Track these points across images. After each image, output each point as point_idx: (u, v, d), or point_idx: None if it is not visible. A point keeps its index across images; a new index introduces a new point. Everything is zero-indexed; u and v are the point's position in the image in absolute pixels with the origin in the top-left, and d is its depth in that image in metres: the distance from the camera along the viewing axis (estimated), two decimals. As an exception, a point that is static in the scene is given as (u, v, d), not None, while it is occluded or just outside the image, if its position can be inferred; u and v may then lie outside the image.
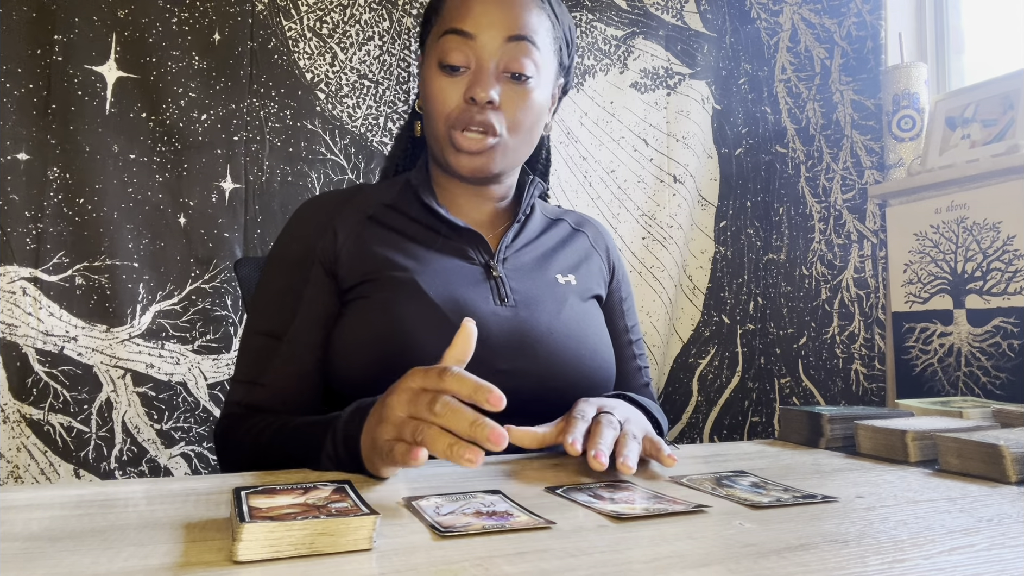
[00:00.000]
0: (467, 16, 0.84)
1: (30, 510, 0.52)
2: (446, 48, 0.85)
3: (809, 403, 1.96)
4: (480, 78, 0.84)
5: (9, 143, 1.45)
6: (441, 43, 0.85)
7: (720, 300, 2.14)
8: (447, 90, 0.85)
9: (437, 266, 0.86)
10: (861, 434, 0.79)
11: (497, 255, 0.90)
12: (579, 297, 0.92)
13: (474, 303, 0.83)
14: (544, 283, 0.90)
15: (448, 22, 0.86)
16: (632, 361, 1.00)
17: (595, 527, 0.49)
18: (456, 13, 0.85)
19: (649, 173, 2.07)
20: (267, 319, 0.86)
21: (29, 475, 1.45)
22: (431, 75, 0.87)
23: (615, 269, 1.03)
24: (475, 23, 0.84)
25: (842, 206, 1.90)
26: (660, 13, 2.11)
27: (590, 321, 0.92)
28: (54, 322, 1.48)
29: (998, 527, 0.49)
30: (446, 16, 0.87)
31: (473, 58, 0.85)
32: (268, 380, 0.83)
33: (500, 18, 0.84)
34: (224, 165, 1.62)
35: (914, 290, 1.65)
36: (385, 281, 0.83)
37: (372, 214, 0.90)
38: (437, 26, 0.88)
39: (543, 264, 0.93)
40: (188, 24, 1.60)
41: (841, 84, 1.92)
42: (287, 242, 0.90)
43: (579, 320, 0.89)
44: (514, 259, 0.92)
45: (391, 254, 0.86)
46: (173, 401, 1.56)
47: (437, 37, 0.87)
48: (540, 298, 0.88)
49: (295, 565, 0.41)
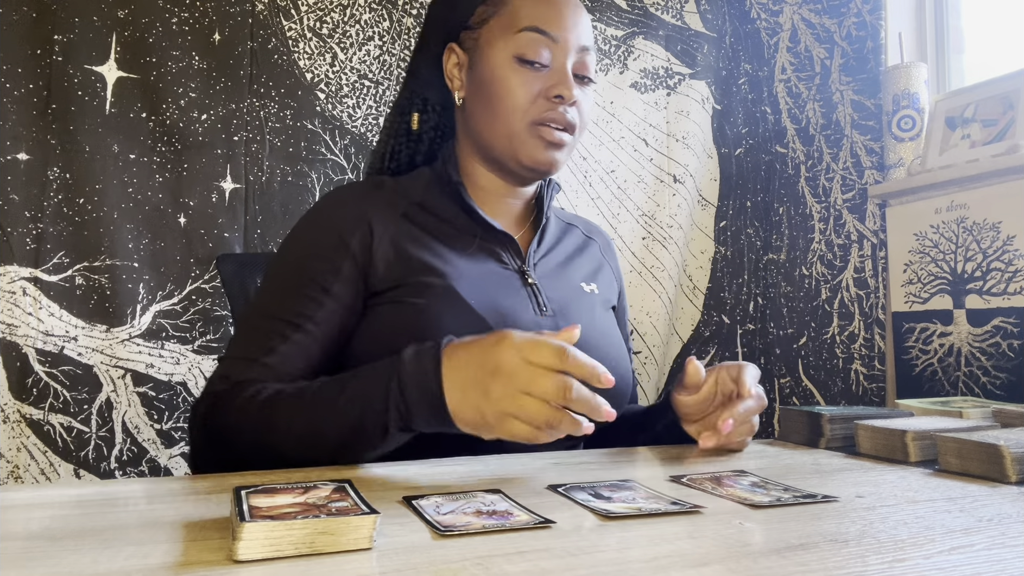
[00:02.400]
0: (550, 18, 0.86)
1: (30, 510, 0.52)
2: (529, 43, 0.85)
3: (809, 403, 1.96)
4: (565, 78, 0.86)
5: (9, 143, 1.45)
6: (521, 38, 0.86)
7: (720, 300, 2.14)
8: (527, 86, 0.85)
9: (473, 272, 0.84)
10: (861, 434, 0.79)
11: (527, 260, 0.90)
12: (603, 307, 0.94)
13: (516, 313, 0.82)
14: (572, 291, 0.92)
15: (528, 19, 0.86)
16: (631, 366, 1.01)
17: (595, 526, 0.49)
18: (536, 12, 0.86)
19: (649, 173, 2.07)
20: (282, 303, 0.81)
21: (29, 475, 1.45)
22: (505, 68, 0.86)
23: (619, 279, 1.05)
24: (560, 26, 0.86)
25: (842, 206, 1.90)
26: (660, 13, 2.11)
27: (613, 331, 0.94)
28: (54, 322, 1.48)
29: (998, 527, 0.49)
30: (523, 11, 0.87)
31: (553, 58, 0.86)
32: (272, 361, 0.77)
33: (578, 24, 0.88)
34: (224, 165, 1.62)
35: (914, 290, 1.65)
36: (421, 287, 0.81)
37: (405, 212, 0.87)
38: (505, 19, 0.87)
39: (565, 270, 0.94)
40: (188, 24, 1.60)
41: (841, 84, 1.92)
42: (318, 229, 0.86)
43: (605, 330, 0.91)
44: (542, 265, 0.92)
45: (426, 257, 0.83)
46: (173, 401, 1.56)
47: (511, 31, 0.86)
48: (573, 308, 0.89)
49: (295, 564, 0.41)
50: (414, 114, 0.95)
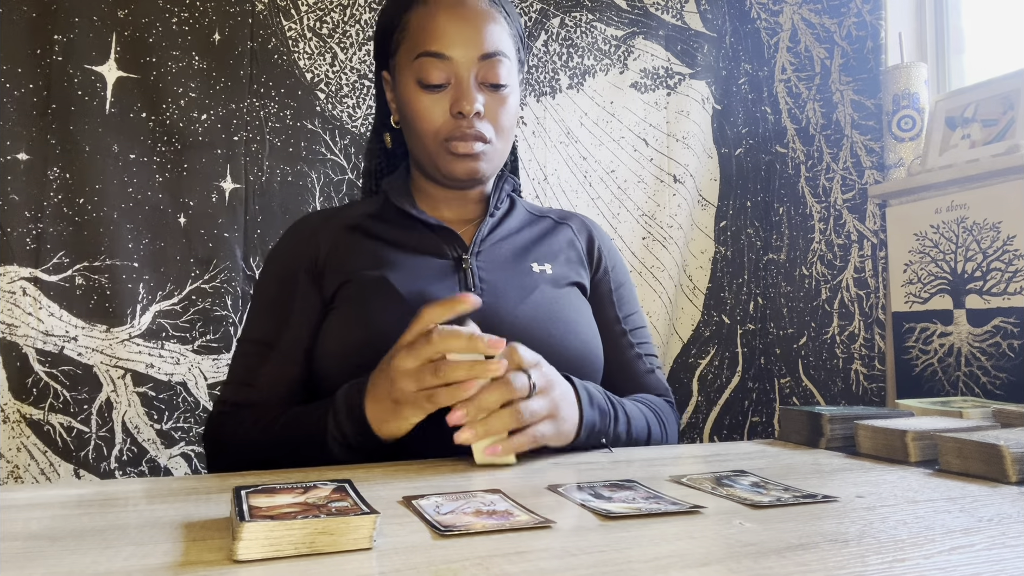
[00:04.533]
0: (440, 38, 0.88)
1: (30, 510, 0.52)
2: (424, 68, 0.88)
3: (809, 403, 1.96)
4: (464, 92, 0.88)
5: (9, 143, 1.45)
6: (417, 64, 0.89)
7: (720, 300, 2.14)
8: (432, 107, 0.89)
9: (409, 264, 0.89)
10: (861, 434, 0.79)
11: (471, 248, 0.92)
12: (552, 284, 0.93)
13: (439, 295, 0.84)
14: (517, 273, 0.92)
15: (421, 45, 0.88)
16: (630, 350, 0.99)
17: (595, 526, 0.48)
18: (427, 36, 0.88)
19: (649, 173, 2.07)
20: (258, 328, 0.91)
21: (29, 475, 1.45)
22: (411, 94, 0.90)
23: (601, 258, 1.02)
24: (449, 44, 0.88)
25: (842, 206, 1.90)
26: (660, 13, 2.11)
27: (563, 305, 0.91)
28: (54, 322, 1.48)
29: (998, 527, 0.49)
30: (417, 38, 0.89)
31: (452, 75, 0.88)
32: (259, 382, 0.88)
33: (471, 37, 0.88)
34: (224, 165, 1.62)
35: (914, 290, 1.65)
36: (360, 282, 0.87)
37: (354, 224, 0.95)
38: (406, 46, 0.91)
39: (520, 256, 0.95)
40: (188, 24, 1.60)
41: (841, 84, 1.92)
42: (276, 257, 0.96)
43: (549, 304, 0.90)
44: (490, 252, 0.93)
45: (367, 258, 0.90)
46: (173, 401, 1.56)
47: (410, 58, 0.90)
48: (509, 286, 0.89)
49: (295, 564, 0.41)
50: (385, 134, 1.02)
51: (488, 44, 0.89)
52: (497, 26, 0.91)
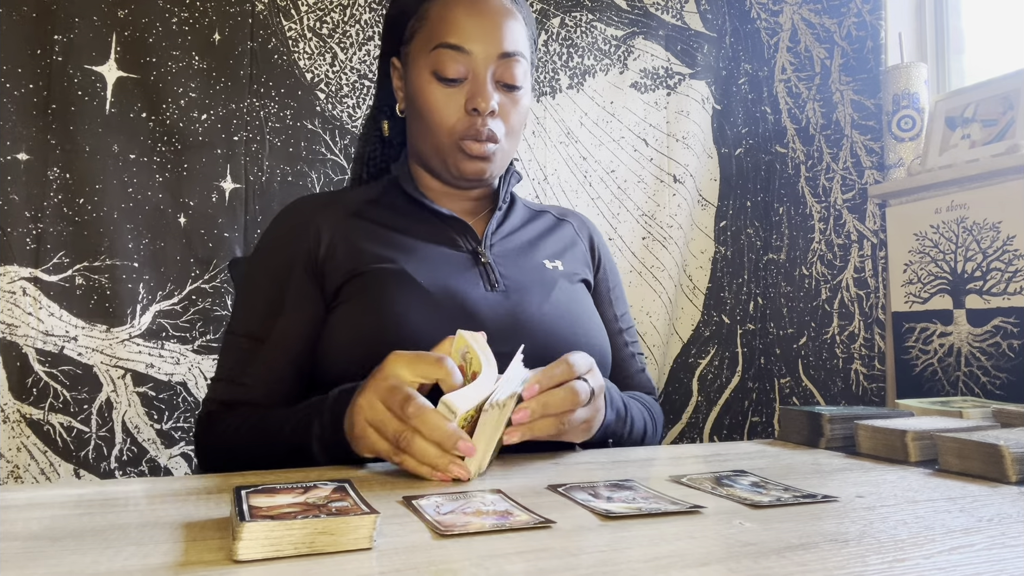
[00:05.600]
0: (460, 31, 0.86)
1: (30, 510, 0.52)
2: (442, 60, 0.86)
3: (809, 403, 1.96)
4: (481, 90, 0.86)
5: (9, 143, 1.45)
6: (435, 55, 0.87)
7: (720, 300, 2.14)
8: (447, 101, 0.87)
9: (425, 254, 0.87)
10: (861, 434, 0.79)
11: (484, 242, 0.91)
12: (568, 280, 0.93)
13: (465, 289, 0.84)
14: (532, 268, 0.92)
15: (440, 36, 0.87)
16: (625, 348, 1.01)
17: (595, 526, 0.48)
18: (447, 27, 0.87)
19: (649, 173, 2.07)
20: (248, 322, 0.87)
21: (29, 475, 1.45)
22: (425, 85, 0.88)
23: (600, 257, 1.03)
24: (469, 38, 0.86)
25: (842, 206, 1.90)
26: (660, 13, 2.11)
27: (580, 303, 0.92)
28: (54, 322, 1.48)
29: (998, 527, 0.49)
30: (436, 28, 0.88)
31: (469, 70, 0.87)
32: (248, 380, 0.85)
33: (492, 34, 0.87)
34: (224, 165, 1.62)
35: (914, 290, 1.65)
36: (374, 274, 0.84)
37: (356, 211, 0.91)
38: (423, 35, 0.89)
39: (529, 251, 0.94)
40: (188, 24, 1.60)
41: (841, 84, 1.92)
42: (267, 247, 0.92)
43: (569, 302, 0.90)
44: (501, 246, 0.93)
45: (377, 247, 0.87)
46: (173, 401, 1.56)
47: (427, 48, 0.88)
48: (529, 282, 0.89)
49: (295, 564, 0.41)
50: (384, 121, 0.99)
51: (508, 43, 0.88)
52: (517, 25, 0.90)
